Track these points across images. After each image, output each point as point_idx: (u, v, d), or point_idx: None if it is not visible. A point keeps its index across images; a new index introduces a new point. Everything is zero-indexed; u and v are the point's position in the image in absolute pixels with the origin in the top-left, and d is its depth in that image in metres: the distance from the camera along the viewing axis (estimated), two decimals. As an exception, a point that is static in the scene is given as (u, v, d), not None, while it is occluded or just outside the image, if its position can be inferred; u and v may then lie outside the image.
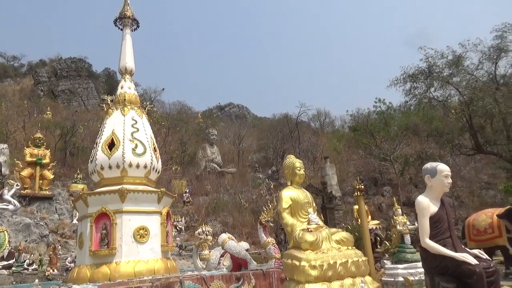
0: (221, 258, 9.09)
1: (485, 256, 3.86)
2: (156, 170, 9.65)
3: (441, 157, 21.51)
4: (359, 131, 30.64)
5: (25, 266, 12.41)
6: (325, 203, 16.38)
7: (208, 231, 12.47)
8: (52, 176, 20.72)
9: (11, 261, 12.38)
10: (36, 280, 10.62)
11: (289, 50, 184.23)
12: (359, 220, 11.05)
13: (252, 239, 17.89)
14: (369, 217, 15.18)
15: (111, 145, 9.13)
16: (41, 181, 20.02)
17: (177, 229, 19.25)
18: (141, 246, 8.27)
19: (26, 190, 19.24)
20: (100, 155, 9.08)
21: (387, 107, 32.09)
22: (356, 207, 15.83)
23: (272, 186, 25.24)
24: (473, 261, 3.58)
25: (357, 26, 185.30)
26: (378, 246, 12.95)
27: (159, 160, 9.91)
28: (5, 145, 22.55)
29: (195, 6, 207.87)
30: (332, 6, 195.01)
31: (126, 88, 10.19)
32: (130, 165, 8.95)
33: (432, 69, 18.18)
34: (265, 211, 7.88)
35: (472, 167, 24.59)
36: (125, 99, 9.94)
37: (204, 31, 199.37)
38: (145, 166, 9.19)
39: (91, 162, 9.38)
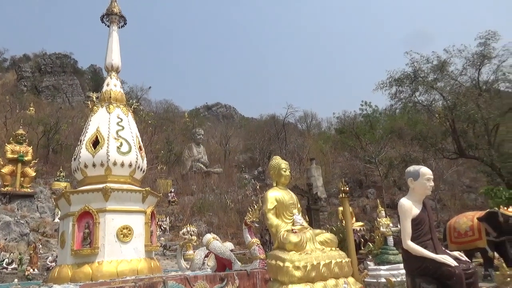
0: (205, 258, 9.06)
1: (464, 258, 3.95)
2: (141, 169, 9.56)
3: (424, 161, 21.87)
4: (345, 134, 30.93)
5: (4, 265, 12.17)
6: (311, 205, 16.47)
7: (193, 231, 12.42)
8: (34, 174, 20.34)
9: (-11, 260, 12.11)
10: (16, 280, 10.42)
11: (277, 51, 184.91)
12: (344, 222, 11.14)
13: (237, 239, 17.87)
14: (354, 218, 15.29)
15: (96, 143, 9.02)
16: (22, 179, 19.62)
17: (161, 229, 19.10)
18: (124, 246, 8.18)
19: (6, 188, 18.84)
20: (84, 153, 8.95)
21: (373, 110, 32.49)
22: (341, 208, 15.93)
23: (258, 186, 25.28)
24: (453, 263, 3.65)
25: (347, 28, 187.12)
26: (362, 248, 13.08)
27: (145, 159, 9.82)
28: (-14, 141, 22.05)
29: (184, 5, 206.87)
30: (321, 7, 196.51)
31: (112, 86, 10.08)
32: (115, 163, 8.85)
33: (418, 74, 18.46)
34: (250, 212, 7.87)
35: (454, 171, 25.08)
36: (110, 97, 9.83)
37: (193, 31, 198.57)
38: (130, 165, 9.09)
39: (75, 160, 9.24)
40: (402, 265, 5.59)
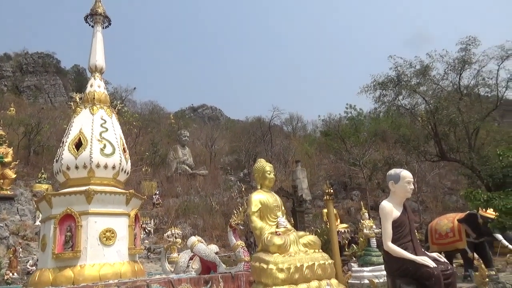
0: (190, 261, 9.02)
1: (443, 259, 4.04)
2: (125, 171, 9.47)
3: (407, 163, 22.21)
4: (330, 136, 31.19)
5: (-18, 269, 11.85)
6: (296, 207, 16.56)
7: (177, 234, 12.38)
8: (14, 176, 19.94)
9: (-33, 264, 11.80)
10: (-6, 284, 10.16)
11: (264, 53, 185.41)
12: (328, 224, 11.24)
13: (223, 241, 17.83)
14: (338, 220, 15.44)
15: (79, 145, 8.91)
16: (2, 181, 19.21)
17: (145, 232, 18.92)
18: (107, 249, 8.09)
19: (-15, 190, 18.42)
20: (67, 154, 8.82)
21: (358, 113, 32.88)
22: (325, 210, 16.07)
23: (243, 188, 25.24)
24: (432, 264, 3.74)
25: (333, 31, 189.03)
26: (346, 249, 13.21)
27: (129, 161, 9.73)
28: (-36, 142, 21.42)
29: (170, 6, 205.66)
30: (307, 10, 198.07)
31: (96, 87, 9.97)
32: (98, 165, 8.75)
33: (401, 78, 18.74)
34: (235, 214, 7.90)
35: (436, 173, 25.55)
36: (94, 98, 9.73)
37: (179, 31, 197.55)
38: (114, 167, 9.00)
39: (57, 161, 9.10)
40: (384, 267, 5.69)
